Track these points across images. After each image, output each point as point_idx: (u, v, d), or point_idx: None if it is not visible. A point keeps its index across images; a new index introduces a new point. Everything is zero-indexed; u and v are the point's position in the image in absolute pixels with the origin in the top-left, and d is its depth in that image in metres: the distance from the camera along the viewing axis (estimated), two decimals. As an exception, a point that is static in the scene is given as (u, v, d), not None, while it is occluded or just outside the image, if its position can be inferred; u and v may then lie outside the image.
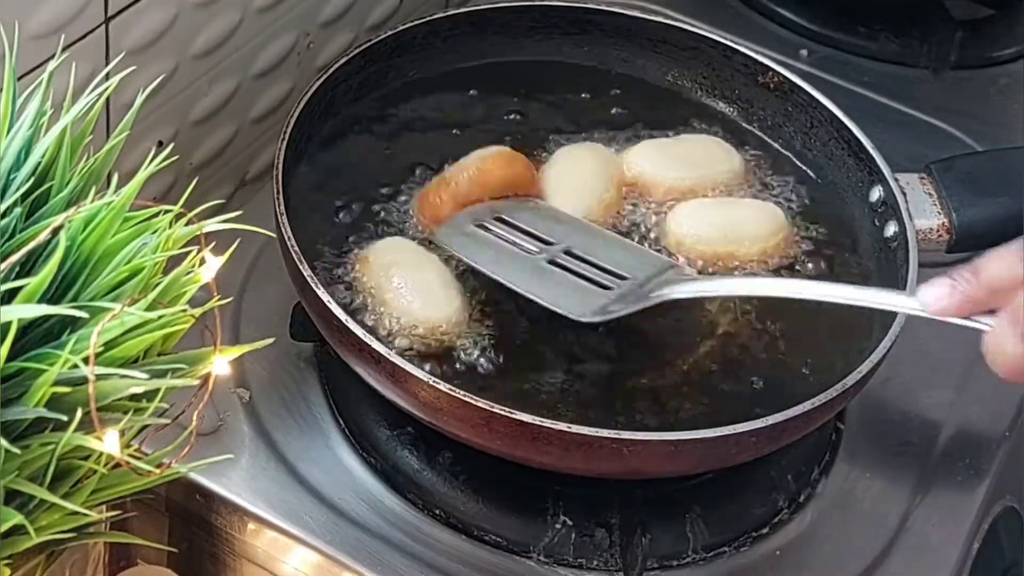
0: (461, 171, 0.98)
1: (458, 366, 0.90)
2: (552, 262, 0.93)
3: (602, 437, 0.82)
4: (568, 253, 0.93)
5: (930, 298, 0.79)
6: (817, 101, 1.06)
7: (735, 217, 1.00)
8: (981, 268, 0.77)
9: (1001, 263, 0.76)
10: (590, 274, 0.92)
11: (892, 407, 1.01)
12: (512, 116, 1.07)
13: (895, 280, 0.96)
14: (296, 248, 0.89)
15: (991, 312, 0.76)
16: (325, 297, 0.87)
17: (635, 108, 1.09)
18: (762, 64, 1.08)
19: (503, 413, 0.82)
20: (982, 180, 1.00)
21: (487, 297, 0.93)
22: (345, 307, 0.88)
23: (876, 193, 1.01)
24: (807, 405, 0.85)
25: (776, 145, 1.08)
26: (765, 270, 0.98)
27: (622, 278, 0.92)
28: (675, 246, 0.99)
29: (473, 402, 0.82)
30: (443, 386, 0.83)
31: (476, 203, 0.96)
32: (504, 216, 0.96)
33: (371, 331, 0.88)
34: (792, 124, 1.08)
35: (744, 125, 1.09)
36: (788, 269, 0.99)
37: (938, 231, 0.98)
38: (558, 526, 0.91)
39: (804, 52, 1.31)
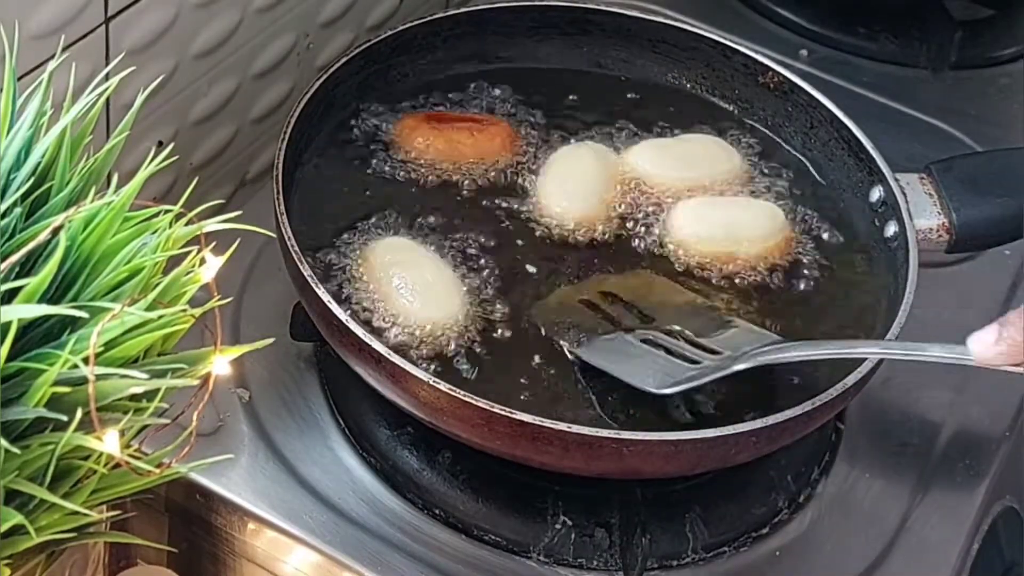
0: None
1: (458, 366, 0.90)
2: (647, 340, 0.91)
3: (602, 437, 0.82)
4: (666, 331, 0.91)
5: (979, 347, 0.78)
6: (817, 101, 1.06)
7: (737, 217, 1.00)
8: None
9: None
10: (681, 349, 0.90)
11: (892, 407, 1.01)
12: (512, 116, 1.07)
13: (895, 280, 0.96)
14: (296, 248, 0.89)
15: None
16: (325, 297, 0.87)
17: (635, 108, 1.09)
18: (762, 64, 1.09)
19: (503, 413, 0.82)
20: (982, 180, 1.00)
21: (487, 297, 0.93)
22: (345, 307, 0.88)
23: (876, 193, 1.01)
24: (807, 405, 0.85)
25: (776, 145, 1.08)
26: (764, 270, 0.98)
27: (715, 352, 0.89)
28: (676, 244, 0.99)
29: (473, 402, 0.82)
30: (443, 386, 0.83)
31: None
32: (610, 290, 0.95)
33: (371, 331, 0.88)
34: (792, 124, 1.08)
35: (744, 125, 1.09)
36: (787, 270, 0.99)
37: (938, 231, 0.98)
38: (558, 526, 0.91)
39: (804, 52, 1.31)
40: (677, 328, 0.91)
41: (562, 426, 0.82)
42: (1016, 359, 0.76)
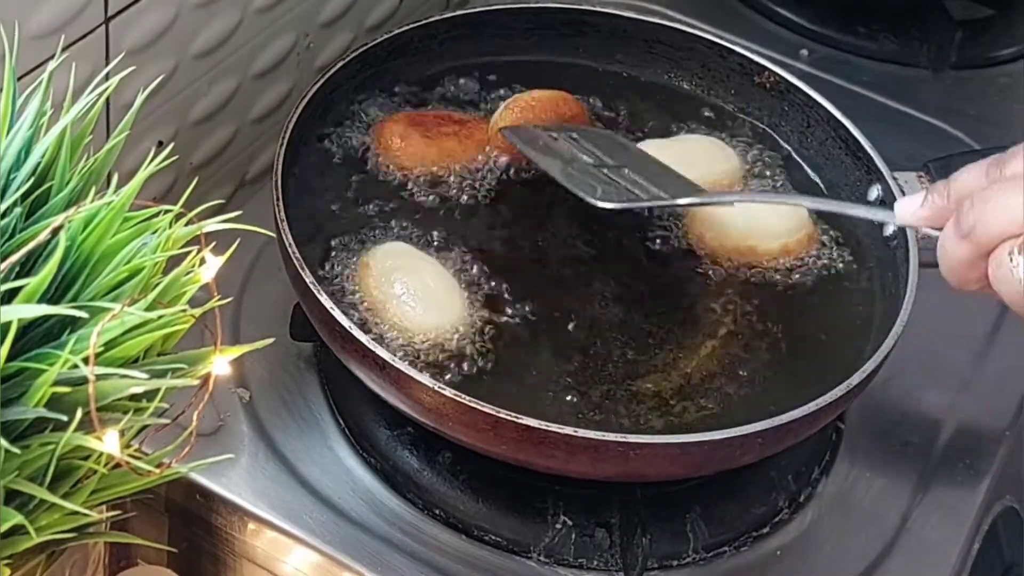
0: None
1: (460, 371, 0.89)
2: (599, 168, 0.96)
3: (608, 441, 0.82)
4: (619, 169, 0.96)
5: (903, 210, 0.81)
6: (814, 100, 1.06)
7: (759, 212, 1.00)
8: (952, 180, 0.78)
9: (969, 175, 0.77)
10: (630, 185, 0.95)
11: (892, 407, 1.01)
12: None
13: (896, 279, 0.96)
14: (296, 253, 0.89)
15: None
16: (328, 304, 0.86)
17: (632, 109, 1.09)
18: (758, 64, 1.09)
19: (508, 418, 0.82)
20: (982, 180, 1.00)
21: (489, 300, 0.93)
22: (346, 312, 0.88)
23: (874, 192, 1.01)
24: (812, 406, 0.85)
25: (773, 145, 1.08)
26: (784, 268, 0.98)
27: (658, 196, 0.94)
28: (696, 240, 0.99)
29: (478, 407, 0.82)
30: (448, 391, 0.83)
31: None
32: (574, 134, 1.00)
33: (373, 336, 0.88)
34: (789, 124, 1.08)
35: (741, 125, 1.09)
36: (787, 270, 0.99)
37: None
38: (558, 526, 0.91)
39: (804, 52, 1.31)
40: (627, 171, 0.96)
41: (568, 430, 0.82)
42: (936, 223, 0.78)
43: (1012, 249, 0.72)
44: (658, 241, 0.99)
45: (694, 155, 1.05)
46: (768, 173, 1.05)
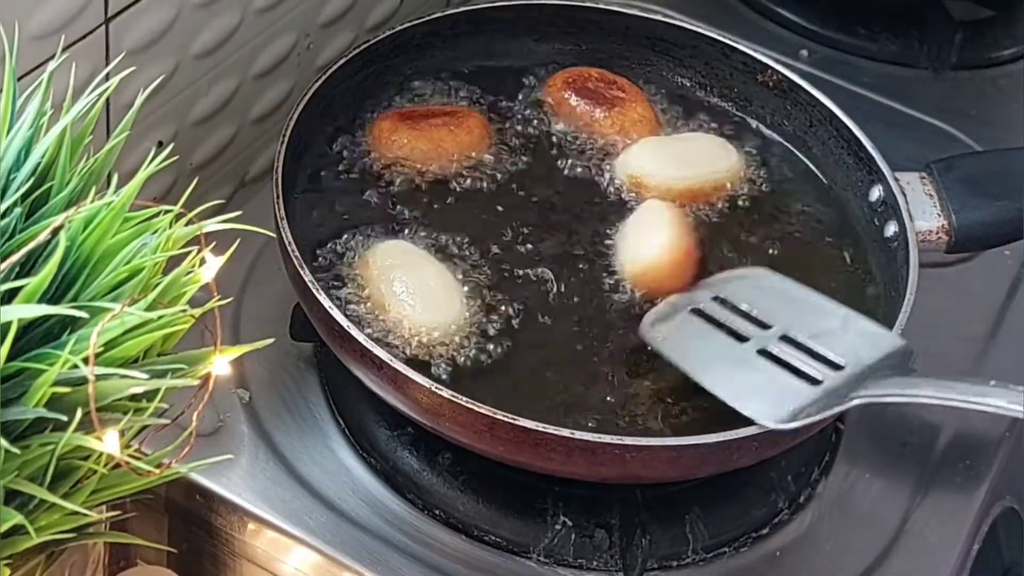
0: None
1: (459, 370, 0.89)
2: (763, 351, 0.88)
3: (604, 443, 0.82)
4: (784, 338, 0.88)
5: None
6: (816, 100, 1.06)
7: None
8: None
9: None
10: (801, 364, 0.87)
11: (892, 407, 1.01)
12: (512, 115, 1.07)
13: (896, 280, 0.96)
14: (296, 253, 0.89)
15: None
16: (327, 303, 0.86)
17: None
18: (761, 63, 1.09)
19: (505, 419, 0.82)
20: (982, 180, 1.00)
21: (489, 301, 0.93)
22: (345, 311, 0.88)
23: (876, 192, 1.01)
24: (810, 407, 0.85)
25: (775, 144, 1.08)
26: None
27: (837, 367, 0.86)
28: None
29: (476, 408, 0.82)
30: (445, 392, 0.83)
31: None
32: (723, 296, 0.92)
33: (371, 336, 0.88)
34: (791, 123, 1.08)
35: (743, 124, 1.09)
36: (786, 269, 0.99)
37: (938, 232, 0.98)
38: (558, 527, 0.91)
39: (804, 52, 1.31)
40: (794, 335, 0.88)
41: (564, 432, 0.82)
42: None
43: None
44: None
45: (695, 153, 1.05)
46: (769, 173, 1.05)
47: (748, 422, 0.84)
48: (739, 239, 1.00)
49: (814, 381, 0.86)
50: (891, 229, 0.99)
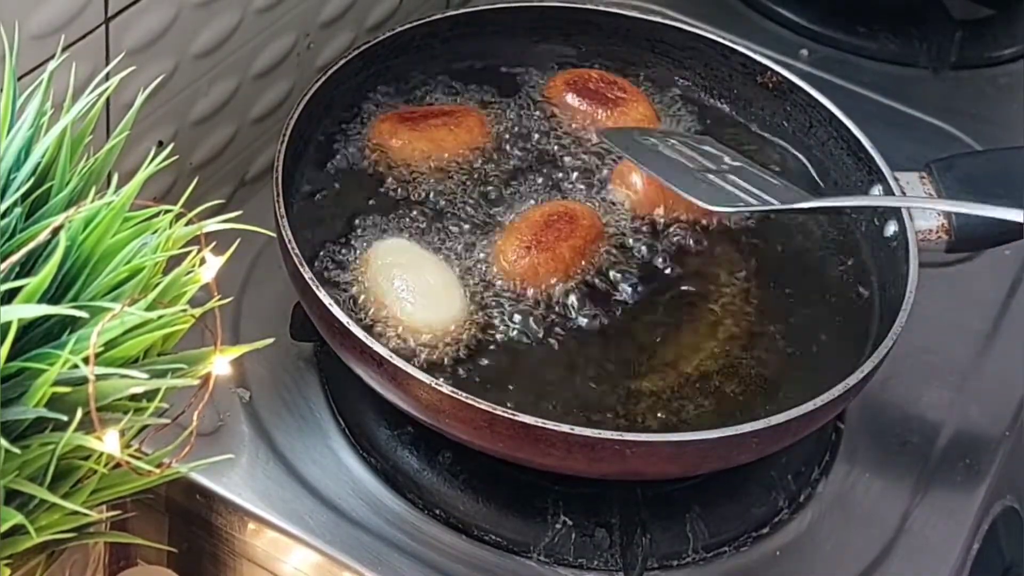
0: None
1: (459, 368, 0.89)
2: (706, 170, 0.98)
3: (605, 439, 0.82)
4: (731, 172, 0.98)
5: None
6: (816, 101, 1.06)
7: None
8: None
9: None
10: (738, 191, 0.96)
11: (892, 407, 1.01)
12: (511, 116, 1.07)
13: (896, 280, 0.96)
14: (296, 250, 0.89)
15: None
16: (327, 300, 0.86)
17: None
18: (760, 64, 1.09)
19: (506, 415, 0.82)
20: (982, 180, 1.00)
21: (488, 298, 0.93)
22: (345, 309, 0.88)
23: (876, 192, 1.01)
24: (809, 406, 0.85)
25: (774, 145, 1.08)
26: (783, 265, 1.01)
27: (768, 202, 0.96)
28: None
29: (475, 404, 0.82)
30: (445, 388, 0.83)
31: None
32: (673, 140, 1.01)
33: (372, 333, 0.88)
34: (791, 124, 1.08)
35: (742, 125, 1.09)
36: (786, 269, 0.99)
37: (937, 232, 0.98)
38: (558, 526, 0.91)
39: (804, 52, 1.31)
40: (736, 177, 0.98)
41: (564, 428, 0.82)
42: None
43: None
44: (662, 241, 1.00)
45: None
46: (768, 172, 1.05)
47: (748, 420, 0.84)
48: (739, 240, 1.00)
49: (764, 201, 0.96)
50: (891, 229, 0.99)
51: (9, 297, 0.69)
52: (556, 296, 0.94)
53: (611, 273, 0.96)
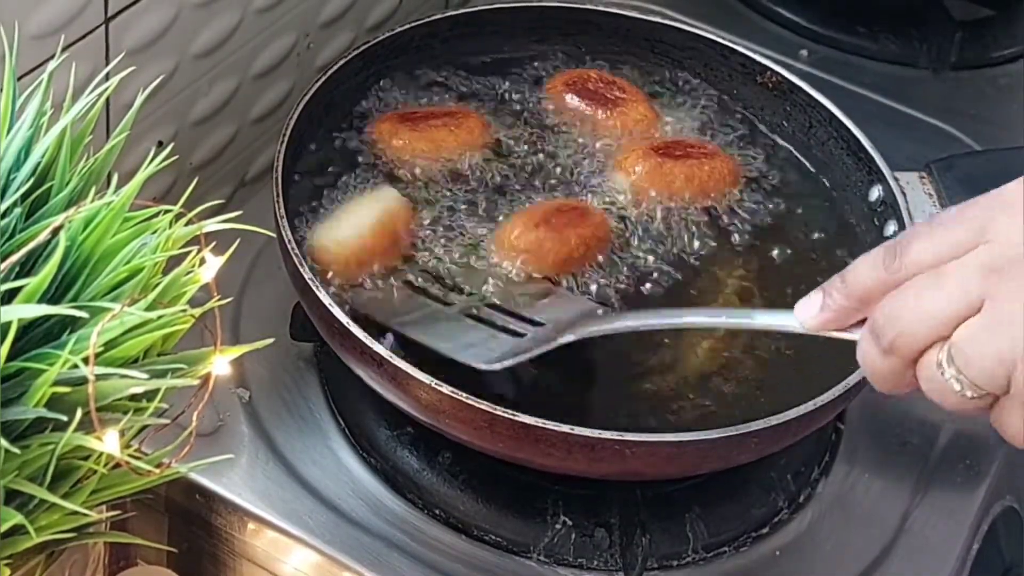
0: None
1: (459, 367, 0.89)
2: (468, 314, 0.90)
3: (605, 439, 0.82)
4: (489, 305, 0.91)
5: (803, 316, 0.74)
6: (815, 101, 1.06)
7: None
8: (847, 277, 0.71)
9: (864, 269, 0.70)
10: (505, 323, 0.90)
11: (892, 407, 1.01)
12: (511, 116, 1.07)
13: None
14: (296, 250, 0.89)
15: (864, 321, 0.71)
16: (327, 300, 0.86)
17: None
18: (760, 64, 1.09)
19: (505, 415, 0.82)
20: (982, 180, 0.99)
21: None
22: (345, 309, 0.88)
23: (875, 192, 1.01)
24: (809, 406, 0.85)
25: (774, 145, 1.08)
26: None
27: (538, 324, 0.89)
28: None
29: (475, 404, 0.82)
30: (445, 388, 0.83)
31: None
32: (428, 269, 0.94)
33: (372, 333, 0.88)
34: (790, 124, 1.08)
35: (742, 125, 1.09)
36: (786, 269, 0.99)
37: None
38: (558, 526, 0.91)
39: (804, 52, 1.31)
40: (496, 300, 0.91)
41: (564, 428, 0.82)
42: (842, 325, 0.72)
43: (940, 361, 0.66)
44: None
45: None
46: (768, 173, 1.05)
47: (748, 420, 0.84)
48: (739, 240, 1.00)
49: (518, 335, 0.88)
50: (891, 229, 0.99)
51: (9, 297, 0.69)
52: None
53: (611, 272, 0.96)
